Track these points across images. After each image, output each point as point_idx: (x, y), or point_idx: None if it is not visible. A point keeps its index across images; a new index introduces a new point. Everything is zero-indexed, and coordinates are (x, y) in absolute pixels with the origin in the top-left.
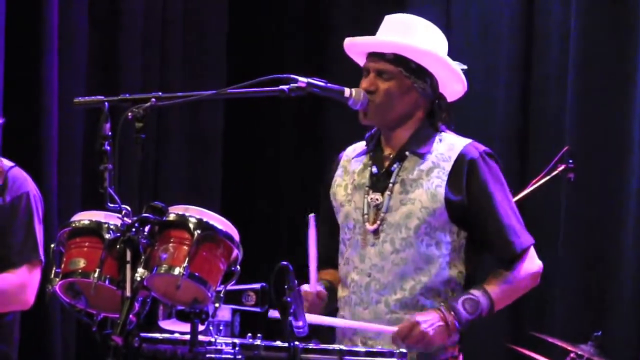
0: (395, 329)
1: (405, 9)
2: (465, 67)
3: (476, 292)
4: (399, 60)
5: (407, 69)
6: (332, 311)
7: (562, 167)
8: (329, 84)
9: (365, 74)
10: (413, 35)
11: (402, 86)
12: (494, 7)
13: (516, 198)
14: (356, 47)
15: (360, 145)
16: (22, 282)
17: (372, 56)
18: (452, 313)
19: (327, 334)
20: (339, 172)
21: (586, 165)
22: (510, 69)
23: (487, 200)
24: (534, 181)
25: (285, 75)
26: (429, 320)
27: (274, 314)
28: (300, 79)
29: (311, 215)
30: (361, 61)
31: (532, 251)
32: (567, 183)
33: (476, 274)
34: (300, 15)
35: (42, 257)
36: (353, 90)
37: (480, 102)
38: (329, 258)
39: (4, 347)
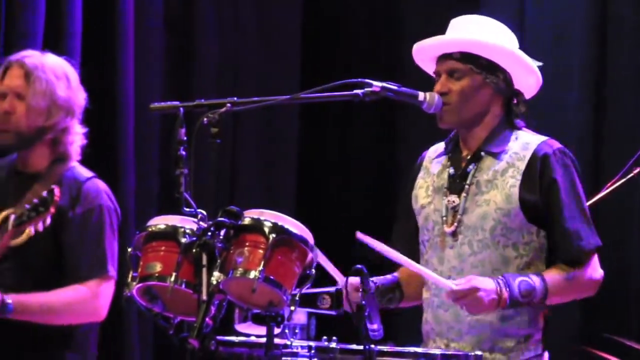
0: (453, 286)
1: (478, 13)
2: (540, 63)
3: (534, 278)
4: (468, 58)
5: (477, 65)
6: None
7: (637, 170)
8: (402, 88)
9: (437, 77)
10: (479, 32)
11: (475, 83)
12: (566, 11)
13: (591, 201)
14: (424, 50)
15: (442, 146)
16: (93, 293)
17: (441, 58)
18: (508, 290)
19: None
20: (420, 173)
21: None
22: (584, 72)
23: (556, 198)
24: (608, 184)
25: (359, 80)
26: (487, 290)
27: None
28: (375, 83)
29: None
30: (431, 68)
31: (595, 258)
32: None
33: None
34: (373, 21)
35: (113, 272)
36: (427, 93)
37: (553, 105)
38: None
39: (79, 358)
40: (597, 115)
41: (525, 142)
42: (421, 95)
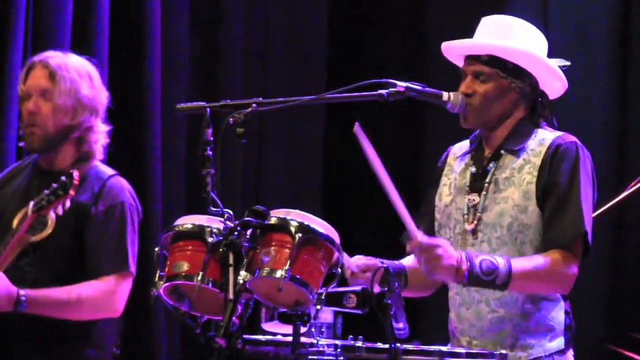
0: (426, 239)
1: (502, 13)
2: (568, 63)
3: (499, 260)
4: (495, 62)
5: (503, 69)
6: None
7: None
8: (427, 88)
9: (463, 77)
10: (508, 36)
11: (500, 87)
12: (590, 9)
13: (617, 199)
14: (453, 50)
15: (466, 144)
16: (112, 289)
17: (469, 59)
18: (468, 264)
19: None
20: (445, 170)
21: None
22: (608, 70)
23: (555, 182)
24: (634, 182)
25: (383, 80)
26: (448, 254)
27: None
28: (399, 83)
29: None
30: (460, 63)
31: (576, 249)
32: None
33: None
34: (398, 21)
35: (133, 268)
36: (451, 93)
37: (578, 104)
38: None
39: (98, 354)
40: (621, 113)
41: (541, 138)
42: (445, 95)
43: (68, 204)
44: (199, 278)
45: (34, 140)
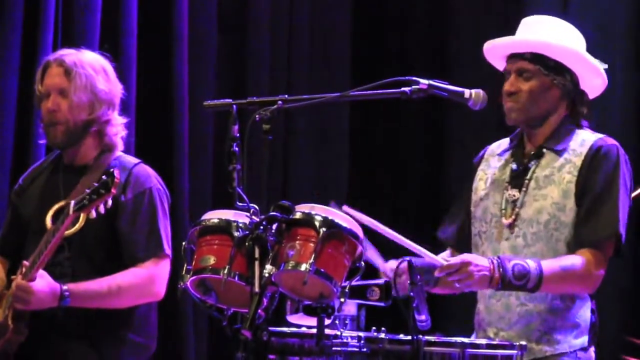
0: (443, 262)
1: (523, 10)
2: (606, 66)
3: (531, 263)
4: (537, 59)
5: (545, 66)
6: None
7: None
8: (449, 86)
9: (507, 76)
10: (549, 33)
11: (543, 84)
12: (609, 8)
13: (637, 192)
14: (495, 49)
15: (505, 142)
16: (150, 275)
17: (511, 58)
18: (501, 270)
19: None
20: (482, 166)
21: None
22: (627, 66)
23: (592, 182)
24: None
25: (407, 78)
26: (480, 266)
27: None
28: (422, 81)
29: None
30: (501, 65)
31: (606, 250)
32: None
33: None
34: (423, 18)
35: (169, 251)
36: (472, 91)
37: (597, 101)
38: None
39: (141, 340)
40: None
41: (582, 139)
42: (467, 92)
43: (110, 202)
44: (226, 271)
45: (56, 136)
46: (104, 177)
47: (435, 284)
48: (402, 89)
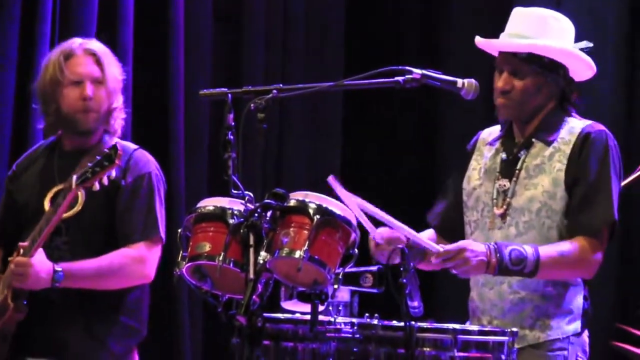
0: (440, 248)
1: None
2: (591, 44)
3: (528, 249)
4: (532, 59)
5: (540, 65)
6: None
7: None
8: (442, 76)
9: (499, 72)
10: (545, 31)
11: (537, 83)
12: None
13: (626, 181)
14: (490, 47)
15: (496, 130)
16: (140, 256)
17: (505, 54)
18: (498, 256)
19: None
20: (475, 155)
21: None
22: (618, 54)
23: (583, 169)
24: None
25: (400, 67)
26: (476, 252)
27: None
28: (415, 70)
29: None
30: (492, 52)
31: (602, 237)
32: None
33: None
34: (416, 8)
35: (163, 235)
36: (465, 80)
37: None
38: (448, 235)
39: (133, 323)
40: (630, 97)
41: (571, 126)
42: (459, 82)
43: (114, 173)
44: (221, 258)
45: (88, 122)
46: (105, 150)
47: (421, 260)
48: (396, 78)
